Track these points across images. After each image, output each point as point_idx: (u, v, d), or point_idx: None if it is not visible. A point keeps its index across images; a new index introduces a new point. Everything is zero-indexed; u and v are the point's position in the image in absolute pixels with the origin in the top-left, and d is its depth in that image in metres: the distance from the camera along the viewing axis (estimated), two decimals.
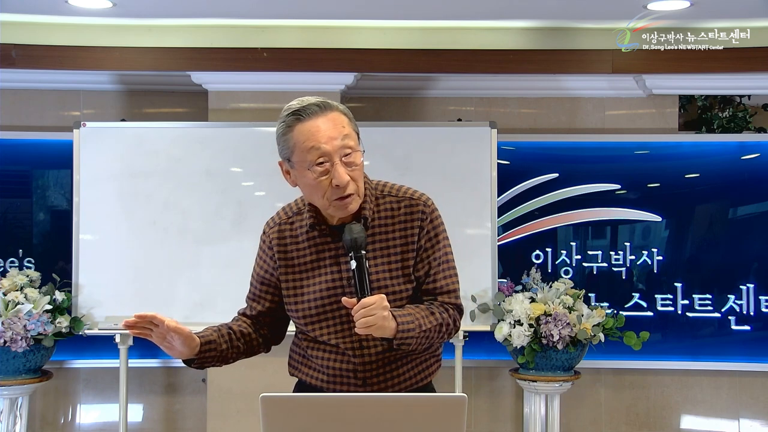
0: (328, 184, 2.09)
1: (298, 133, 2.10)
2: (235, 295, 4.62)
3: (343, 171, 2.09)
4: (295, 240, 2.24)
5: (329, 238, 2.20)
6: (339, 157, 2.09)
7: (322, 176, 2.09)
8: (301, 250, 2.23)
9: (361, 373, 2.22)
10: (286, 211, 2.30)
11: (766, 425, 5.03)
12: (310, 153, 2.08)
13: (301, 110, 2.10)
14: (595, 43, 4.54)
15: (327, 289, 2.20)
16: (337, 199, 2.11)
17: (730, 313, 4.90)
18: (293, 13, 4.39)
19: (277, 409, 1.85)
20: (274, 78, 4.75)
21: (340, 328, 2.21)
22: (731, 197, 4.99)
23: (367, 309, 2.02)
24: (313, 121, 2.09)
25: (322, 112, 2.10)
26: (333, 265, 2.20)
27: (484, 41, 4.54)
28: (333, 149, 2.08)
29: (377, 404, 1.90)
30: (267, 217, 4.82)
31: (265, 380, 4.61)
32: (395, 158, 4.70)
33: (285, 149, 2.15)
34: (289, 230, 2.25)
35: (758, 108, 5.12)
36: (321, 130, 2.08)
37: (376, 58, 4.55)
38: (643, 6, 4.04)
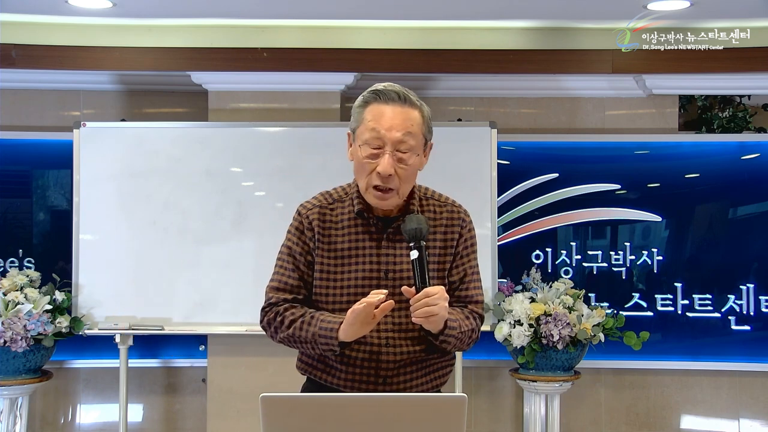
0: (372, 169, 2.12)
1: (370, 111, 2.15)
2: (235, 295, 4.66)
3: (388, 162, 2.10)
4: (335, 225, 2.23)
5: (373, 228, 2.22)
6: (392, 148, 2.11)
7: (369, 159, 2.12)
8: (341, 236, 2.22)
9: (384, 371, 2.20)
10: (325, 197, 2.30)
11: (767, 425, 5.03)
12: (370, 133, 2.12)
13: (381, 92, 2.15)
14: (595, 43, 4.54)
15: (363, 278, 2.20)
16: (375, 187, 2.14)
17: (730, 313, 4.90)
18: (293, 13, 4.39)
19: (277, 409, 1.85)
20: (274, 78, 4.75)
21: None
22: (731, 197, 4.99)
23: (432, 298, 2.04)
24: (386, 106, 2.14)
25: (399, 102, 2.14)
26: (372, 255, 2.20)
27: (484, 41, 4.54)
28: (390, 139, 2.11)
29: (377, 404, 1.90)
30: (267, 217, 4.87)
31: (265, 380, 4.61)
32: None
33: (354, 121, 2.20)
34: (330, 215, 2.25)
35: (758, 108, 5.12)
36: (387, 117, 2.12)
37: (376, 58, 4.55)
38: (643, 6, 4.05)
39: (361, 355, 2.20)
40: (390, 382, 2.21)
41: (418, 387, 2.25)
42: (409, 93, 2.18)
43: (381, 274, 2.19)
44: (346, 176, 4.94)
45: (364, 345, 2.19)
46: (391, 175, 2.11)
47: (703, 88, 4.99)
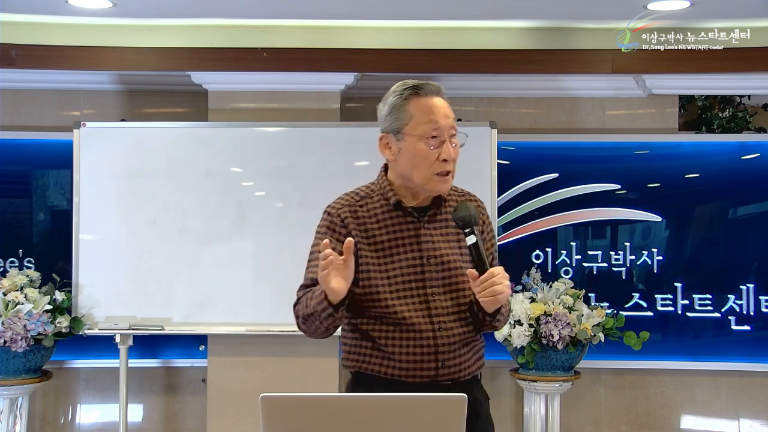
0: (437, 157, 2.23)
1: (416, 106, 2.25)
2: (234, 296, 4.66)
3: (450, 148, 2.25)
4: (370, 220, 2.31)
5: (410, 218, 2.31)
6: (448, 135, 2.25)
7: (433, 148, 2.23)
8: (379, 229, 2.30)
9: (442, 355, 2.24)
10: (351, 196, 2.38)
11: (767, 425, 5.02)
12: (428, 125, 2.23)
13: (419, 86, 2.26)
14: (595, 43, 4.54)
15: (407, 267, 2.26)
16: (438, 174, 2.25)
17: (730, 313, 4.90)
18: (293, 13, 4.39)
19: (277, 409, 1.85)
20: (274, 78, 4.75)
21: (420, 307, 2.25)
22: (731, 197, 4.99)
23: (498, 277, 2.15)
24: (432, 99, 2.26)
25: (437, 93, 2.28)
26: (412, 244, 2.28)
27: (484, 41, 4.54)
28: (446, 127, 2.25)
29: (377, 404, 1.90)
30: (267, 217, 4.88)
31: (265, 380, 4.61)
32: None
33: (397, 120, 2.27)
34: (361, 211, 2.32)
35: (758, 108, 5.11)
36: (438, 107, 2.25)
37: (376, 58, 4.54)
38: (643, 6, 4.05)
39: (419, 341, 2.24)
40: (447, 365, 2.26)
41: (469, 368, 2.31)
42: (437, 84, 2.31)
43: (424, 260, 2.27)
44: (345, 176, 4.96)
45: (419, 332, 2.24)
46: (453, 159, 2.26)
47: (703, 88, 4.99)
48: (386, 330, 2.26)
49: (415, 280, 2.25)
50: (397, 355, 2.24)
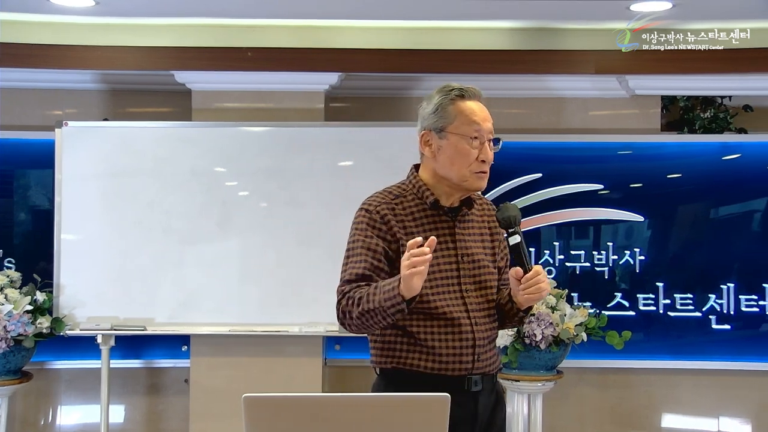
0: (475, 157, 2.35)
1: (462, 107, 2.38)
2: (218, 296, 4.65)
3: (489, 151, 2.37)
4: (407, 218, 2.37)
5: (444, 218, 2.40)
6: (487, 138, 2.38)
7: (474, 148, 2.35)
8: (417, 227, 2.36)
9: (478, 348, 2.34)
10: (385, 195, 2.44)
11: (746, 423, 5.06)
12: (471, 126, 2.36)
13: (465, 90, 2.41)
14: (579, 43, 4.56)
15: (444, 264, 2.35)
16: (477, 172, 2.36)
17: (711, 312, 4.94)
18: (278, 12, 4.38)
19: (260, 410, 1.85)
20: (259, 78, 4.74)
21: (458, 303, 2.34)
22: (713, 197, 5.03)
23: (542, 275, 2.29)
24: (476, 102, 2.41)
25: (479, 99, 2.43)
26: (447, 242, 2.37)
27: (470, 41, 4.55)
28: (486, 130, 2.38)
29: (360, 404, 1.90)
30: (251, 217, 4.88)
31: (248, 381, 4.60)
32: (381, 158, 4.70)
33: (442, 119, 2.38)
34: (398, 209, 2.39)
35: (739, 109, 5.15)
36: (480, 111, 2.40)
37: (361, 57, 4.54)
38: (626, 8, 4.07)
39: (458, 335, 2.32)
40: (481, 358, 2.35)
41: (495, 362, 2.42)
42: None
43: (458, 258, 2.36)
44: (330, 176, 4.96)
45: (459, 326, 2.32)
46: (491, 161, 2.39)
47: (685, 88, 5.03)
48: (426, 325, 2.31)
49: (451, 277, 2.34)
50: (438, 348, 2.30)
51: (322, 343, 4.84)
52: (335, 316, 4.95)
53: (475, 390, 2.34)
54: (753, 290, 4.92)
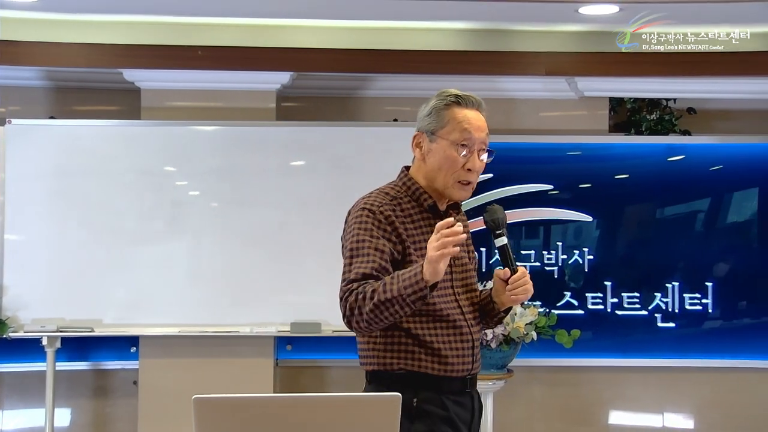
0: (461, 165, 2.32)
1: (455, 113, 2.35)
2: (169, 296, 4.59)
3: (477, 160, 2.34)
4: (406, 220, 2.34)
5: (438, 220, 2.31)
6: (478, 148, 2.34)
7: (464, 156, 2.33)
8: (415, 229, 2.34)
9: (476, 349, 2.36)
10: (383, 196, 2.38)
11: (689, 418, 5.18)
12: (461, 133, 2.33)
13: (462, 97, 2.37)
14: (529, 45, 4.60)
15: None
16: (460, 182, 2.33)
17: (657, 310, 5.03)
18: (229, 11, 4.34)
19: (210, 411, 1.83)
20: (209, 76, 4.69)
21: (454, 305, 2.33)
22: (658, 198, 5.12)
23: (528, 277, 2.29)
24: (471, 110, 2.37)
25: (476, 107, 2.39)
26: None
27: (422, 42, 4.56)
28: (478, 139, 2.34)
29: (311, 404, 1.89)
30: (202, 217, 4.82)
31: (198, 382, 4.56)
32: (332, 158, 4.70)
33: (434, 122, 2.36)
34: (397, 210, 2.35)
35: (683, 111, 5.25)
36: (475, 120, 2.36)
37: (313, 57, 4.53)
38: (575, 10, 4.12)
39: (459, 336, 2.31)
40: (477, 359, 2.37)
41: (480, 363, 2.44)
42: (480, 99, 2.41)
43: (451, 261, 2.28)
44: (281, 175, 4.93)
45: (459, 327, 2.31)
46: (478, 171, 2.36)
47: (631, 90, 5.11)
48: (430, 327, 2.29)
49: (447, 280, 2.32)
50: (443, 350, 2.29)
51: (274, 343, 4.81)
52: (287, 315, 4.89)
53: (469, 390, 2.37)
54: (696, 289, 5.04)
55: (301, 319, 4.60)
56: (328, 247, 4.63)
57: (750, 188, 5.10)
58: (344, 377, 5.05)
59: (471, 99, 2.38)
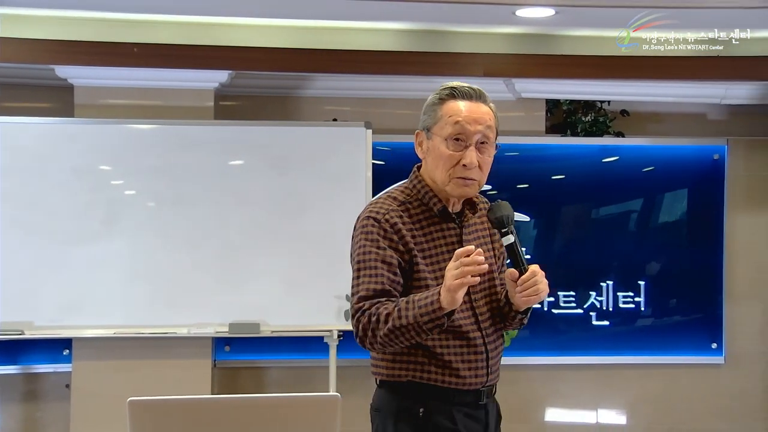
0: (457, 161, 2.21)
1: (447, 107, 2.24)
2: (104, 297, 4.51)
3: (473, 155, 2.21)
4: (414, 227, 2.24)
5: (451, 224, 2.27)
6: (475, 142, 2.22)
7: (454, 151, 2.21)
8: (424, 236, 2.24)
9: (491, 361, 2.26)
10: (390, 201, 2.28)
11: (622, 414, 5.30)
12: (453, 127, 2.21)
13: (457, 89, 2.25)
14: (467, 46, 4.64)
15: None
16: (458, 178, 2.22)
17: (592, 309, 5.14)
18: (165, 8, 4.28)
19: (146, 414, 1.81)
20: (145, 74, 4.62)
21: (468, 315, 2.22)
22: (594, 198, 5.23)
23: (540, 276, 2.18)
24: (465, 102, 2.24)
25: (476, 98, 2.25)
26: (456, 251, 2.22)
27: (361, 42, 4.57)
28: (473, 132, 2.22)
29: (249, 405, 1.88)
30: (139, 216, 4.75)
31: (134, 384, 4.49)
32: (271, 157, 4.67)
33: (429, 118, 2.27)
34: (404, 216, 2.24)
35: (617, 113, 5.37)
36: (469, 112, 2.23)
37: (252, 56, 4.49)
38: (512, 12, 4.18)
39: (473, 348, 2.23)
40: (493, 371, 2.28)
41: (500, 372, 2.36)
42: (481, 89, 2.28)
43: None
44: (220, 175, 4.88)
45: (472, 339, 2.22)
46: (475, 166, 2.22)
47: (567, 92, 5.20)
48: (441, 338, 2.19)
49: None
50: (454, 363, 2.20)
51: (212, 344, 4.77)
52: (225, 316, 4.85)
53: (484, 402, 2.29)
54: (629, 287, 5.16)
55: (239, 319, 4.57)
56: (268, 247, 4.65)
57: (680, 189, 5.24)
58: (283, 378, 5.03)
59: (468, 90, 2.25)
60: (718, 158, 5.21)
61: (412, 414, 2.19)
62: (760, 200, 5.31)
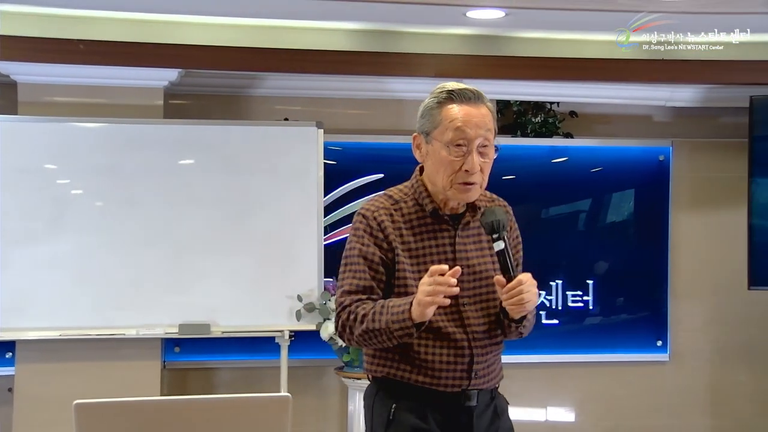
0: (459, 167, 2.19)
1: (447, 112, 2.21)
2: (50, 298, 4.42)
3: (476, 159, 2.20)
4: (404, 225, 2.24)
5: (445, 225, 2.25)
6: (476, 146, 2.20)
7: (456, 157, 2.19)
8: (413, 235, 2.24)
9: (476, 365, 2.22)
10: (385, 199, 2.29)
11: (570, 411, 5.37)
12: (454, 133, 2.19)
13: (456, 92, 2.21)
14: (419, 47, 4.67)
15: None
16: (460, 183, 2.20)
17: (542, 308, 5.20)
18: (112, 4, 4.21)
19: (92, 416, 1.78)
20: (92, 72, 4.54)
21: (454, 317, 2.21)
22: (543, 198, 5.29)
23: (525, 285, 2.13)
24: (465, 106, 2.21)
25: (475, 101, 2.22)
26: (447, 252, 2.24)
27: (311, 41, 4.56)
28: (474, 136, 2.19)
29: (199, 406, 1.87)
30: (86, 216, 4.67)
31: (81, 387, 4.39)
32: (222, 157, 4.64)
33: (428, 123, 2.24)
34: (395, 215, 2.24)
35: (566, 114, 5.44)
36: (470, 116, 2.20)
37: (201, 54, 4.45)
38: (463, 14, 4.21)
39: (454, 351, 2.20)
40: (479, 375, 2.24)
41: (495, 379, 2.31)
42: (478, 90, 2.25)
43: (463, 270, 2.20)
44: (169, 174, 4.82)
45: (455, 341, 2.20)
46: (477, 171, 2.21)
47: (517, 93, 5.25)
48: (422, 338, 2.18)
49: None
50: (431, 363, 2.20)
51: (161, 345, 4.71)
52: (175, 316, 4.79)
53: (470, 405, 2.24)
54: (578, 286, 5.23)
55: (189, 320, 4.52)
56: (218, 247, 4.61)
57: (627, 189, 5.34)
58: (234, 378, 5.00)
59: (466, 92, 2.23)
60: (664, 159, 5.32)
61: (386, 409, 2.22)
62: (703, 200, 5.43)
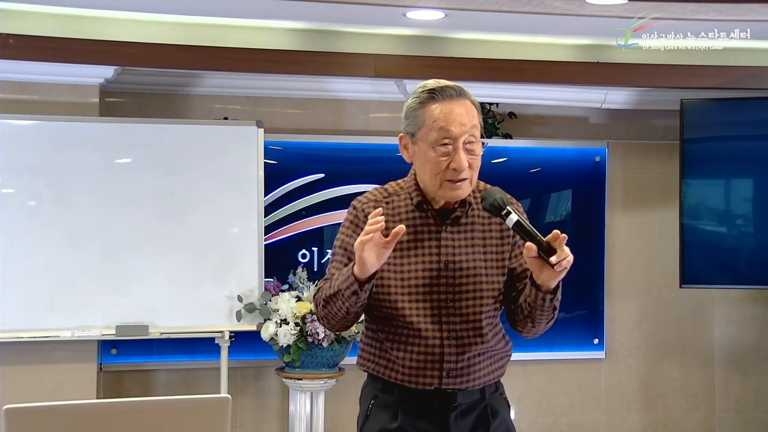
0: (446, 165, 2.17)
1: (430, 112, 2.19)
2: None
3: (463, 157, 2.17)
4: (393, 219, 2.22)
5: (432, 220, 2.24)
6: (462, 143, 2.17)
7: (442, 156, 2.17)
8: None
9: (447, 365, 2.19)
10: (380, 191, 2.31)
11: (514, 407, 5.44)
12: (438, 132, 2.17)
13: (437, 90, 2.18)
14: (359, 47, 4.68)
15: (423, 270, 2.21)
16: (449, 181, 2.18)
17: None
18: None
19: (23, 422, 1.74)
20: (24, 68, 4.43)
21: (431, 313, 2.19)
22: None
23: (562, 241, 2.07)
24: (448, 104, 2.17)
25: (457, 97, 2.19)
26: (432, 247, 2.22)
27: (249, 40, 4.53)
28: (459, 134, 2.17)
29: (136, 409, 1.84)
30: (16, 216, 4.55)
31: (12, 392, 4.30)
32: (159, 156, 4.57)
33: (412, 124, 2.24)
34: (386, 208, 2.24)
35: (505, 116, 5.51)
36: (453, 114, 2.17)
37: (138, 51, 4.38)
38: (403, 14, 4.23)
39: (423, 348, 2.19)
40: (452, 375, 2.20)
41: (480, 378, 2.25)
42: (459, 86, 2.23)
43: (441, 265, 2.20)
44: (105, 173, 4.74)
45: (425, 338, 2.19)
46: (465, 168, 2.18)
47: None
48: (393, 333, 2.22)
49: (430, 285, 2.19)
50: (401, 360, 2.21)
51: (97, 347, 4.62)
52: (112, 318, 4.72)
53: (448, 405, 2.20)
54: None
55: (127, 321, 4.44)
56: (155, 247, 4.54)
57: (564, 190, 5.43)
58: (173, 380, 4.93)
59: (447, 90, 2.20)
60: (600, 160, 5.43)
61: (366, 404, 2.29)
62: (636, 201, 5.56)
